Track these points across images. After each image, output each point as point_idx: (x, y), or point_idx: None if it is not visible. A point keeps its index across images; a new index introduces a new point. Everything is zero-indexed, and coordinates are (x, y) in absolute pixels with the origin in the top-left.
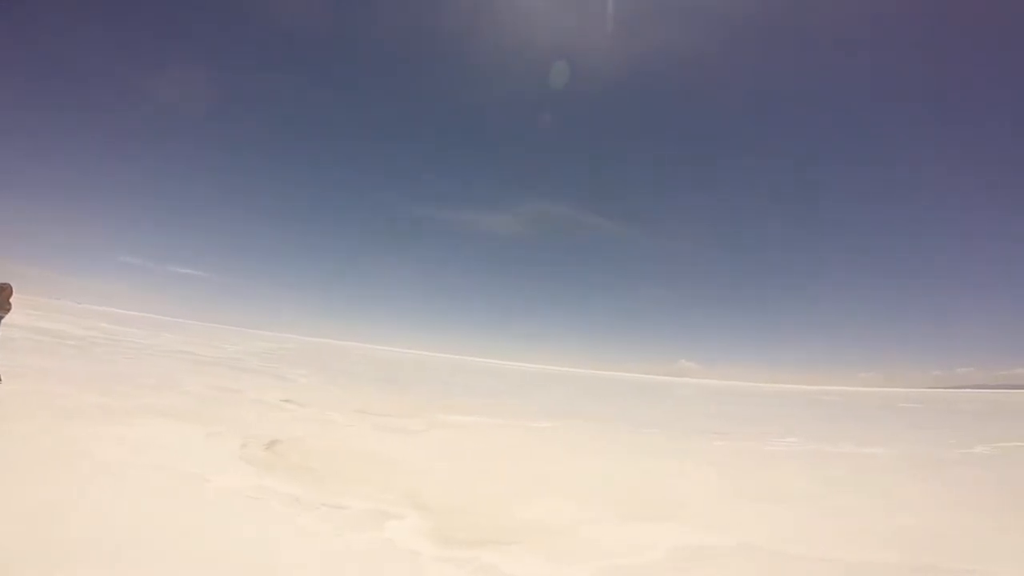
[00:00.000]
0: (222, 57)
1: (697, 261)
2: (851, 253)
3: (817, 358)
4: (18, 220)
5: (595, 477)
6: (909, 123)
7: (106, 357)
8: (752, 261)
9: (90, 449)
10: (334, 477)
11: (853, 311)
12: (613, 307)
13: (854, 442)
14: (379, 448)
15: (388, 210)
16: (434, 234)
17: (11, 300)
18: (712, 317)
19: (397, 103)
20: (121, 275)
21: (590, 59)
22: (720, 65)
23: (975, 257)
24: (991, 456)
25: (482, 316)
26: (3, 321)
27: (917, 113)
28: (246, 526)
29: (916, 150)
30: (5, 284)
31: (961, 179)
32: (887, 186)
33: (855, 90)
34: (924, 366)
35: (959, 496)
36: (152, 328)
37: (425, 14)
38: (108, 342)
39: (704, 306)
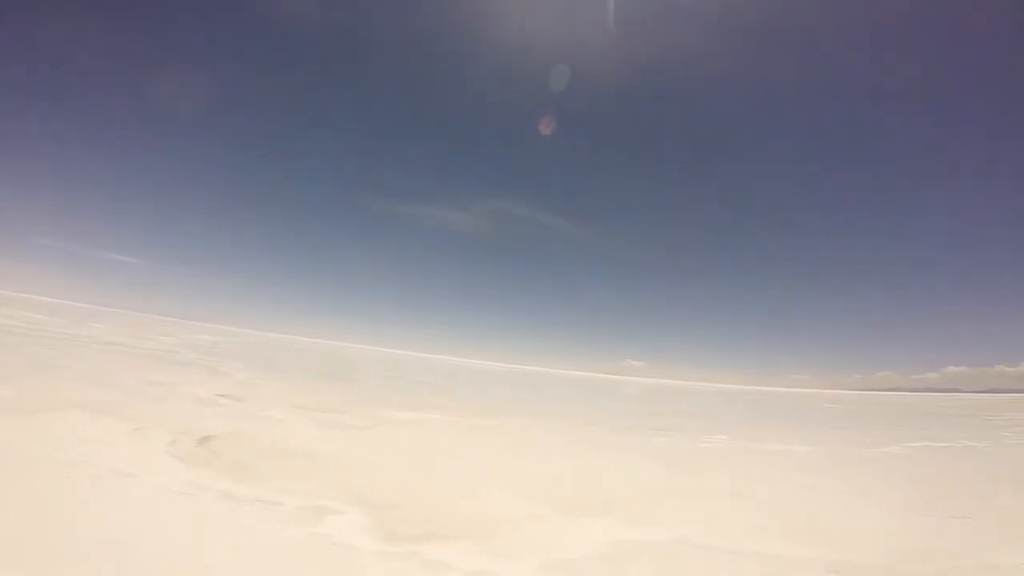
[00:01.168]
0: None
1: (646, 263)
2: (785, 260)
3: (754, 359)
4: None
5: (539, 473)
6: (845, 127)
7: (25, 348)
8: (696, 264)
9: None
10: (271, 473)
11: (785, 315)
12: (564, 306)
13: (781, 440)
14: (320, 444)
15: (343, 202)
16: (390, 229)
17: None
18: (658, 317)
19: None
20: (35, 258)
21: (555, 61)
22: (680, 71)
23: (894, 267)
24: (901, 455)
25: (435, 313)
26: None
27: (855, 116)
28: (176, 524)
29: (842, 156)
30: None
31: (884, 190)
32: (821, 194)
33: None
34: (848, 369)
35: (873, 494)
36: (78, 317)
37: (388, 8)
38: (28, 332)
39: (650, 307)
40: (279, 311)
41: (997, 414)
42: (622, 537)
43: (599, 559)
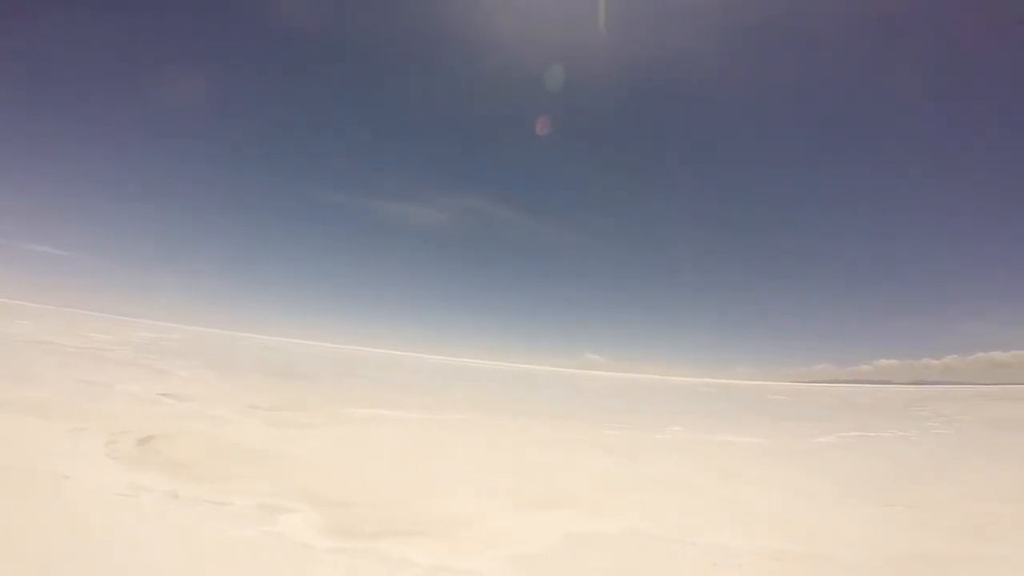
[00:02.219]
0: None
1: (605, 258)
2: (733, 259)
3: (704, 353)
4: None
5: (498, 468)
6: (801, 127)
7: None
8: (652, 261)
9: None
10: (219, 474)
11: (734, 311)
12: (524, 301)
13: (730, 432)
14: (271, 444)
15: (297, 195)
16: (349, 223)
17: None
18: (617, 313)
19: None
20: None
21: (523, 56)
22: (647, 71)
23: (831, 266)
24: (837, 445)
25: (395, 309)
26: None
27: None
28: (115, 526)
29: (786, 157)
30: None
31: (822, 194)
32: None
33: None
34: (790, 362)
35: (810, 484)
36: (3, 313)
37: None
38: None
39: (610, 302)
40: (231, 308)
41: (923, 405)
42: (578, 529)
43: (556, 551)
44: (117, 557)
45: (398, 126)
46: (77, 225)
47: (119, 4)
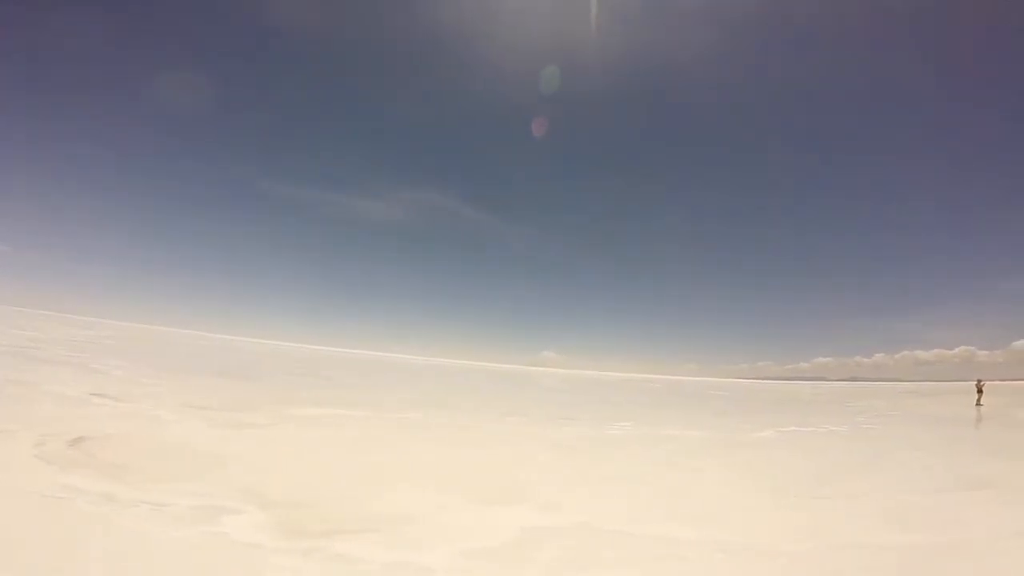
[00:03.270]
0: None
1: (562, 256)
2: (682, 260)
3: (656, 351)
4: None
5: (452, 465)
6: (757, 130)
7: None
8: (605, 259)
9: None
10: (158, 475)
11: (682, 309)
12: (481, 298)
13: (677, 426)
14: (214, 444)
15: (241, 185)
16: (302, 216)
17: None
18: (572, 310)
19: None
20: None
21: (487, 51)
22: (604, 70)
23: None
24: (775, 439)
25: (352, 306)
26: None
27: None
28: (49, 528)
29: (735, 160)
30: None
31: (763, 198)
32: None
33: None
34: (733, 359)
35: (751, 477)
36: None
37: None
38: None
39: (565, 299)
40: (179, 305)
41: (855, 401)
42: (532, 524)
43: (511, 545)
44: (53, 560)
45: (352, 116)
46: (6, 217)
47: None
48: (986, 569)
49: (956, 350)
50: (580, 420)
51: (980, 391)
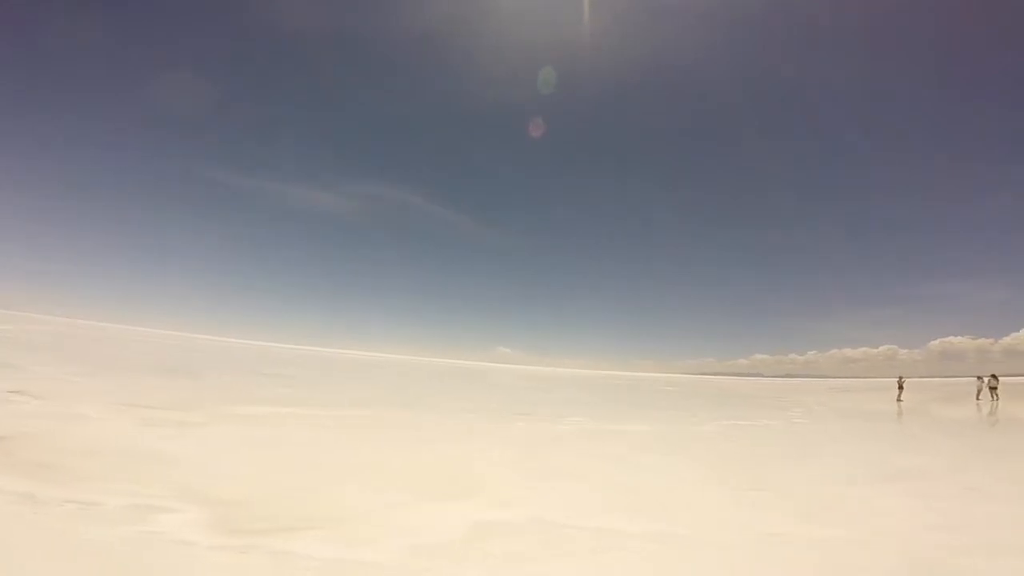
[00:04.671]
0: None
1: (518, 252)
2: (634, 258)
3: (608, 347)
4: None
5: (402, 463)
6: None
7: None
8: (560, 256)
9: None
10: (85, 474)
11: (634, 308)
12: (435, 293)
13: (626, 421)
14: (147, 443)
15: (185, 173)
16: (253, 208)
17: None
18: (529, 307)
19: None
20: None
21: (439, 44)
22: (556, 63)
23: (716, 269)
24: (715, 433)
25: (304, 301)
26: None
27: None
28: None
29: (681, 162)
30: None
31: (702, 201)
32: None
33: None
34: (680, 355)
35: (691, 470)
36: None
37: None
38: None
39: (522, 296)
40: (117, 299)
41: (788, 396)
42: (482, 519)
43: (460, 540)
44: None
45: (308, 106)
46: None
47: None
48: (899, 560)
49: (880, 349)
50: (534, 416)
51: (901, 387)
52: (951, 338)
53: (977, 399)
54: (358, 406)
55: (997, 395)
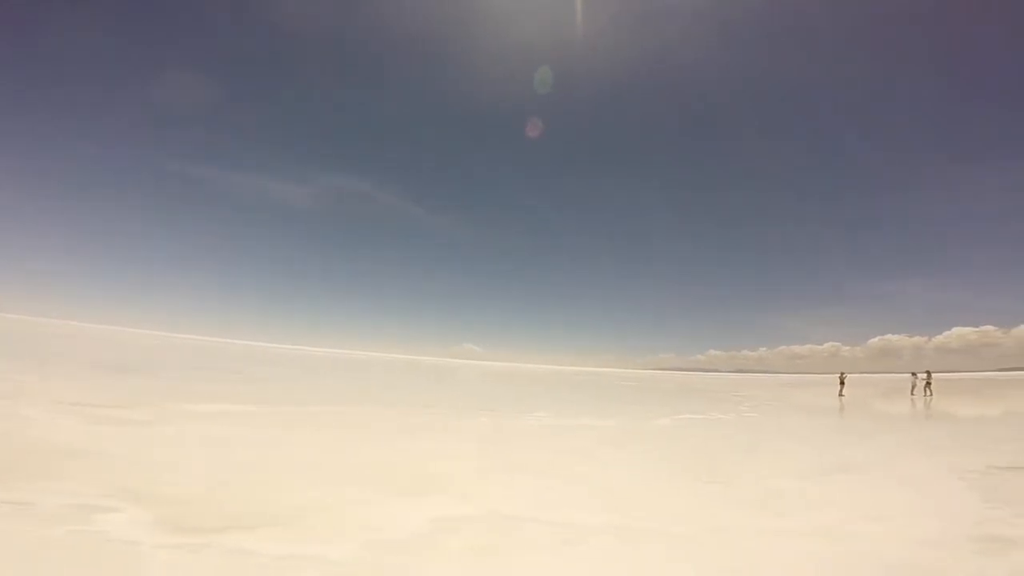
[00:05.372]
0: None
1: (484, 247)
2: (598, 255)
3: (571, 343)
4: None
5: (362, 459)
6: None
7: None
8: (525, 253)
9: None
10: (19, 474)
11: (595, 304)
12: (399, 289)
13: (587, 415)
14: (90, 442)
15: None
16: (208, 198)
17: None
18: (494, 303)
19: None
20: None
21: (434, 44)
22: (523, 58)
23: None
24: (671, 427)
25: (262, 295)
26: None
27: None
28: None
29: (649, 162)
30: None
31: (659, 202)
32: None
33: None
34: (641, 352)
35: (647, 463)
36: None
37: None
38: None
39: (487, 291)
40: (64, 295)
41: (740, 391)
42: (442, 514)
43: (419, 535)
44: None
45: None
46: None
47: None
48: (844, 551)
49: (824, 345)
50: (496, 411)
51: (843, 383)
52: (889, 336)
53: (912, 394)
54: (316, 402)
55: (931, 391)
